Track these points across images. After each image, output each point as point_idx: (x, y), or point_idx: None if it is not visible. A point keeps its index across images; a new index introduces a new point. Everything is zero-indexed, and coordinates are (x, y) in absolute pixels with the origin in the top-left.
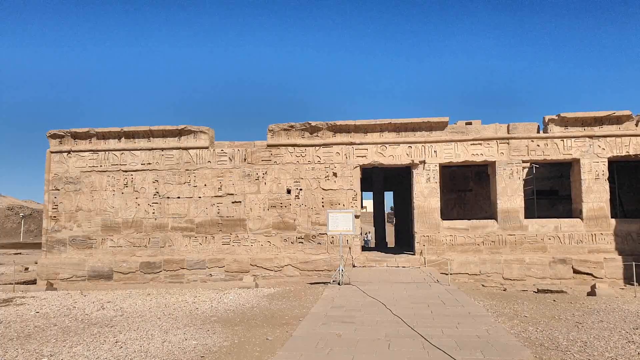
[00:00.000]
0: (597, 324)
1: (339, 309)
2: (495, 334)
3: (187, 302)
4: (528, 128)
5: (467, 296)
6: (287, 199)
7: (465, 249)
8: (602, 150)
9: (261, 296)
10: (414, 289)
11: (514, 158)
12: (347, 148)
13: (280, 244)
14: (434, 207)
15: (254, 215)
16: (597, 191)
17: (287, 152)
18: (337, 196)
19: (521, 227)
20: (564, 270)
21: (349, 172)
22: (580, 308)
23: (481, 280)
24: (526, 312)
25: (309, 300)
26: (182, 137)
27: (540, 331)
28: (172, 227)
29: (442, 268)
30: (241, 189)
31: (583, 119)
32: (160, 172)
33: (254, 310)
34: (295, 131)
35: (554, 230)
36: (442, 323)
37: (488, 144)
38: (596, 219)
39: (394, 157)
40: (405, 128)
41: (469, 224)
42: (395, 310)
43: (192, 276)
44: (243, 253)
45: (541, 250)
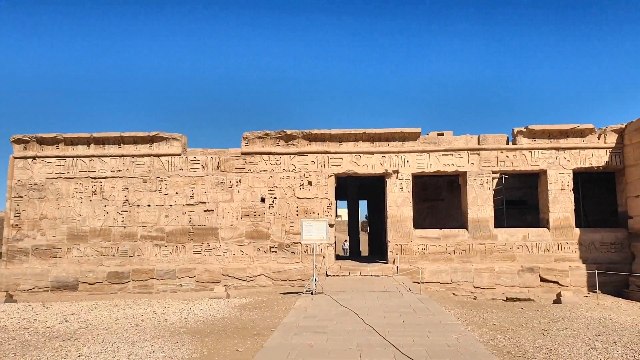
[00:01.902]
0: (562, 331)
1: (312, 319)
2: (465, 343)
3: (156, 313)
4: (498, 139)
5: (438, 305)
6: (261, 208)
7: (437, 258)
8: (567, 162)
9: (232, 307)
10: (387, 298)
11: (484, 168)
12: (322, 157)
13: (253, 254)
14: (406, 216)
15: (227, 224)
16: (562, 201)
17: (261, 160)
18: (311, 205)
19: (491, 236)
20: (531, 279)
21: (323, 180)
22: (546, 316)
23: (452, 288)
24: (495, 320)
25: (281, 311)
26: (154, 143)
27: (508, 339)
28: (141, 235)
29: (414, 277)
30: (214, 197)
31: (550, 132)
32: (131, 179)
33: (224, 321)
34: (270, 139)
35: (522, 239)
36: (413, 332)
37: (459, 154)
38: (562, 228)
39: (368, 166)
40: (379, 138)
41: (441, 233)
42: (367, 320)
43: (161, 286)
44: (215, 263)
45: (510, 259)
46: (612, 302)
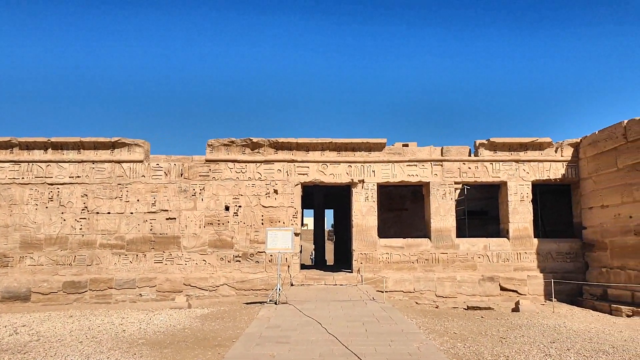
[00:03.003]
0: (519, 339)
1: (275, 329)
2: (426, 351)
3: (114, 324)
4: (460, 151)
5: (401, 314)
6: (225, 216)
7: (400, 267)
8: (526, 174)
9: (194, 317)
10: (350, 307)
11: (447, 179)
12: (288, 165)
13: (216, 263)
14: (371, 226)
15: (190, 232)
16: (522, 212)
17: (226, 167)
18: (277, 214)
19: (453, 246)
20: (492, 288)
21: (290, 189)
22: (505, 324)
23: (415, 297)
24: (456, 328)
25: (244, 321)
26: (115, 149)
27: (468, 347)
28: (100, 244)
29: (378, 286)
30: (176, 205)
31: (510, 144)
32: (90, 185)
33: (185, 332)
34: (236, 147)
35: (483, 249)
36: (375, 341)
37: (423, 165)
38: (521, 238)
39: (334, 175)
40: (346, 148)
41: (405, 242)
42: (330, 329)
43: (120, 296)
44: (176, 272)
45: (471, 268)
46: (567, 309)
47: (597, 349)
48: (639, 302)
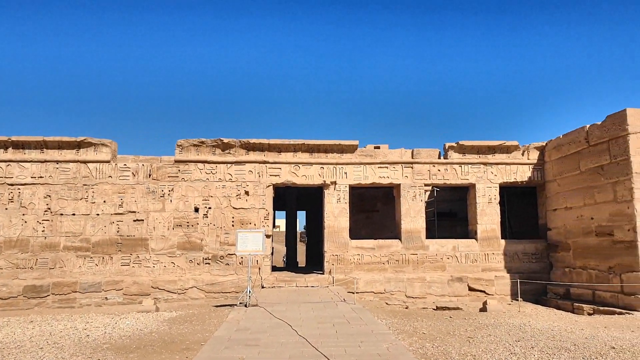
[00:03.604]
0: (486, 338)
1: (244, 332)
2: (395, 351)
3: (77, 328)
4: (430, 154)
5: (371, 315)
6: (194, 218)
7: (371, 268)
8: (494, 176)
9: (161, 320)
10: (321, 309)
11: (417, 181)
12: (260, 166)
13: (185, 265)
14: (343, 227)
15: (158, 234)
16: (490, 214)
17: (196, 168)
18: (248, 215)
19: (423, 247)
20: (460, 288)
21: (261, 190)
22: (472, 323)
23: (386, 298)
24: (425, 329)
25: (213, 324)
26: (81, 149)
27: (436, 347)
28: (64, 246)
29: (349, 287)
30: (144, 207)
31: (478, 147)
32: (54, 186)
33: (152, 336)
34: (206, 147)
35: (452, 250)
36: (345, 342)
37: (394, 167)
38: (489, 239)
39: (307, 177)
40: (318, 149)
41: (376, 244)
42: (301, 331)
43: (85, 300)
44: (144, 275)
45: (441, 269)
46: (532, 309)
47: (559, 346)
48: (599, 301)
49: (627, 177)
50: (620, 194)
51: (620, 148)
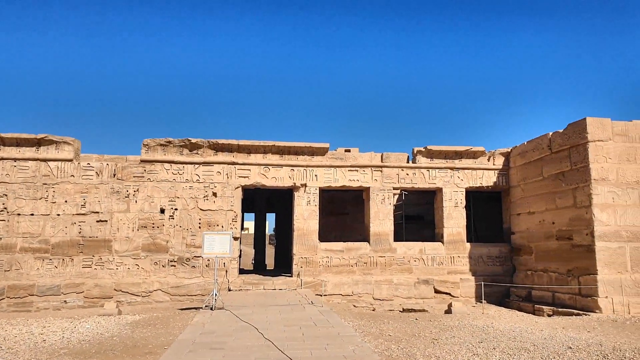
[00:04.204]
0: (450, 340)
1: (209, 335)
2: (361, 353)
3: (33, 333)
4: (399, 158)
5: (338, 317)
6: (160, 219)
7: (340, 270)
8: (461, 181)
9: (124, 324)
10: (288, 312)
11: (386, 185)
12: (229, 168)
13: (150, 268)
14: (313, 229)
15: (122, 235)
16: (456, 218)
17: (162, 168)
18: (216, 217)
19: (391, 250)
20: (426, 290)
21: (230, 192)
22: (437, 325)
23: (353, 300)
24: (391, 331)
25: (177, 327)
26: (41, 147)
27: (402, 349)
28: (21, 247)
29: (317, 289)
30: (108, 207)
31: (446, 152)
32: (11, 185)
33: (113, 340)
34: (173, 147)
35: (419, 252)
36: (312, 345)
37: (364, 170)
38: (455, 242)
39: (276, 179)
40: (289, 151)
41: (345, 246)
42: (267, 334)
43: (43, 303)
44: (107, 277)
45: (408, 272)
46: (495, 310)
47: (519, 347)
48: (559, 303)
49: (586, 184)
50: (580, 199)
51: (580, 155)
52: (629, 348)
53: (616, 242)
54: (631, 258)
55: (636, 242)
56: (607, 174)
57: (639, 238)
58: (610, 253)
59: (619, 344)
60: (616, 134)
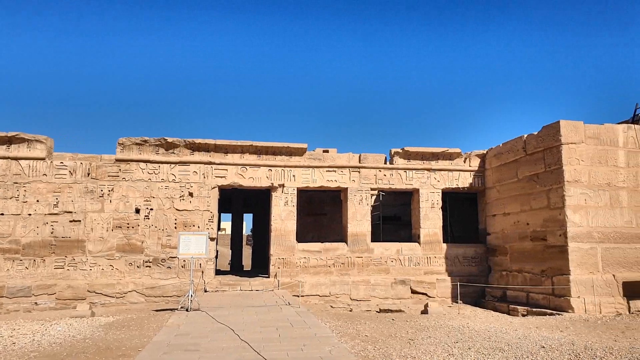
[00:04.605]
0: (426, 340)
1: (184, 337)
2: (338, 354)
3: (2, 336)
4: (377, 159)
5: (315, 318)
6: (135, 219)
7: (317, 271)
8: (437, 182)
9: (97, 326)
10: (265, 313)
11: (363, 185)
12: (205, 167)
13: (124, 268)
14: (290, 230)
15: (96, 236)
16: (432, 218)
17: (138, 168)
18: (192, 217)
19: (368, 250)
20: (403, 291)
21: (206, 192)
22: (414, 325)
23: (331, 301)
24: (367, 331)
25: (152, 329)
26: (12, 145)
27: (378, 349)
28: None
29: (294, 290)
30: (82, 207)
31: (423, 154)
32: None
33: (85, 342)
34: (149, 146)
35: (396, 253)
36: (288, 346)
37: (342, 171)
38: (431, 243)
39: (254, 179)
40: (267, 151)
41: (322, 247)
42: (243, 335)
43: (13, 305)
44: (80, 278)
45: (385, 272)
46: (471, 311)
47: (494, 347)
48: (533, 303)
49: (560, 185)
50: (554, 201)
51: (554, 157)
52: (600, 347)
53: (588, 242)
54: (602, 258)
55: (607, 243)
56: (579, 176)
57: (609, 239)
58: (583, 254)
59: (590, 343)
60: (588, 136)
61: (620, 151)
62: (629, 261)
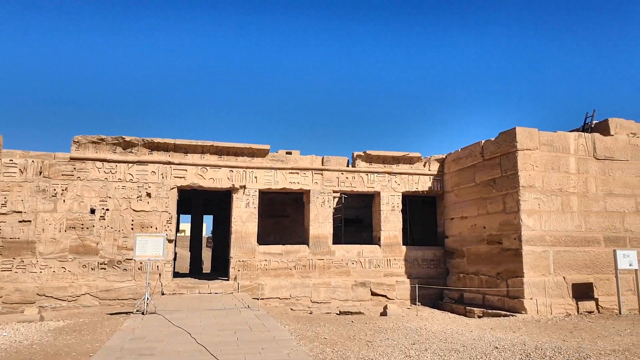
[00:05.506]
0: (384, 342)
1: (139, 341)
2: (296, 357)
3: None
4: (339, 161)
5: (274, 321)
6: (90, 220)
7: (278, 274)
8: (398, 185)
9: (46, 331)
10: (224, 316)
11: (326, 188)
12: (164, 167)
13: (78, 271)
14: (251, 232)
15: (47, 237)
16: (393, 221)
17: (94, 167)
18: (149, 218)
19: (329, 252)
20: (363, 293)
21: (164, 193)
22: (372, 327)
23: (291, 303)
24: (327, 334)
25: (105, 333)
26: None
27: (336, 351)
28: None
29: (254, 293)
30: (33, 207)
31: (384, 157)
32: None
33: (33, 348)
34: (106, 145)
35: (357, 255)
36: (246, 349)
37: (305, 173)
38: (391, 245)
39: (214, 180)
40: (228, 152)
41: (284, 249)
42: (200, 339)
43: None
44: (29, 281)
45: (345, 274)
46: (429, 312)
47: (450, 348)
48: (488, 304)
49: (515, 190)
50: (509, 205)
51: (510, 163)
52: (550, 347)
53: (541, 246)
54: (554, 261)
55: (558, 246)
56: (533, 181)
57: (561, 242)
58: (536, 257)
59: (541, 343)
60: (542, 143)
61: (572, 158)
62: (578, 264)
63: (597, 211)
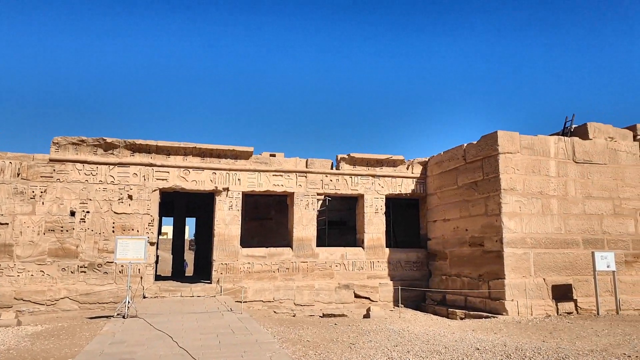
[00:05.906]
0: (367, 344)
1: (119, 345)
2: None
3: None
4: (323, 164)
5: (257, 324)
6: (70, 223)
7: (261, 276)
8: (381, 188)
9: (23, 335)
10: (206, 319)
11: (310, 190)
12: (146, 169)
13: (57, 274)
14: (234, 235)
15: (25, 240)
16: (376, 223)
17: (74, 169)
18: (131, 221)
19: (313, 255)
20: (347, 295)
21: (146, 195)
22: (355, 330)
23: (274, 306)
24: (309, 336)
25: (84, 337)
26: None
27: (319, 354)
28: None
29: (237, 296)
30: (10, 209)
31: (368, 160)
32: None
33: (9, 354)
34: (87, 146)
35: (340, 257)
36: (228, 353)
37: (288, 176)
38: (374, 248)
39: (197, 182)
40: (211, 154)
41: (267, 252)
42: (182, 343)
43: None
44: (6, 285)
45: (329, 277)
46: (412, 314)
47: (432, 349)
48: (470, 306)
49: (497, 193)
50: (491, 208)
51: (491, 166)
52: (530, 348)
53: (522, 248)
54: (534, 263)
55: (539, 249)
56: (515, 184)
57: (541, 244)
58: (517, 258)
59: (521, 344)
60: (523, 147)
61: (552, 161)
62: (558, 265)
63: (577, 214)
